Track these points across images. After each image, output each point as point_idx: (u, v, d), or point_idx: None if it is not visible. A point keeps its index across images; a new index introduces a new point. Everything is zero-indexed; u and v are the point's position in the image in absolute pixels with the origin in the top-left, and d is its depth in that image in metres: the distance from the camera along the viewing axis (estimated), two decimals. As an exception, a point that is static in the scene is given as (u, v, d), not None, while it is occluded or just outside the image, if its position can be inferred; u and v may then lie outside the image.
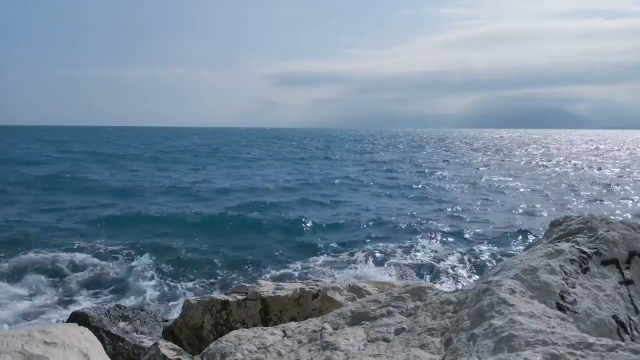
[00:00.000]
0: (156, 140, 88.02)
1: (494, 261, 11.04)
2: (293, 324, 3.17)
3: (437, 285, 5.94)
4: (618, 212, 17.90)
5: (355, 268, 10.74)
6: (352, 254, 11.80)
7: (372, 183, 26.73)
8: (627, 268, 2.76)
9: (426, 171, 33.78)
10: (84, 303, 8.30)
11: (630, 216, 16.75)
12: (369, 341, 2.67)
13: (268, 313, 4.27)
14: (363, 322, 2.93)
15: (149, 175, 28.84)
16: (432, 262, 11.35)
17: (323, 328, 2.93)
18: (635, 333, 2.46)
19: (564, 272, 2.60)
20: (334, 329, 2.92)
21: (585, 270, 2.67)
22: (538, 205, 19.48)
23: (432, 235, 14.19)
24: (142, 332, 5.42)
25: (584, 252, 2.77)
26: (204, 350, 3.12)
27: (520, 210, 18.59)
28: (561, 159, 46.85)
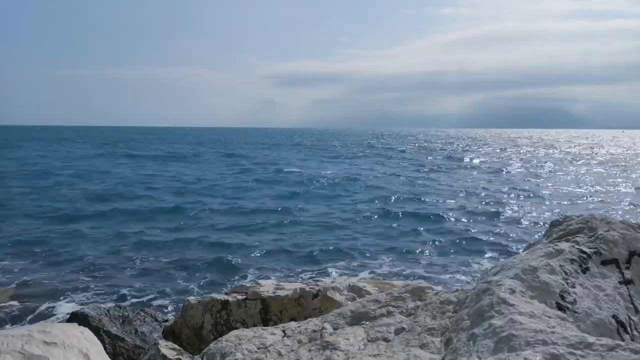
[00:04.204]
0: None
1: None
2: (293, 324, 3.17)
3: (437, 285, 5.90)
4: None
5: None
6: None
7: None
8: (627, 268, 2.76)
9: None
10: (83, 303, 8.29)
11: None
12: (369, 341, 2.67)
13: (268, 313, 4.27)
14: (363, 322, 2.93)
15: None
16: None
17: (323, 328, 2.93)
18: (635, 333, 2.46)
19: (564, 272, 2.60)
20: (334, 328, 2.92)
21: (585, 270, 2.67)
22: None
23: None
24: (142, 332, 5.42)
25: (584, 252, 2.77)
26: (204, 350, 3.12)
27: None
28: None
